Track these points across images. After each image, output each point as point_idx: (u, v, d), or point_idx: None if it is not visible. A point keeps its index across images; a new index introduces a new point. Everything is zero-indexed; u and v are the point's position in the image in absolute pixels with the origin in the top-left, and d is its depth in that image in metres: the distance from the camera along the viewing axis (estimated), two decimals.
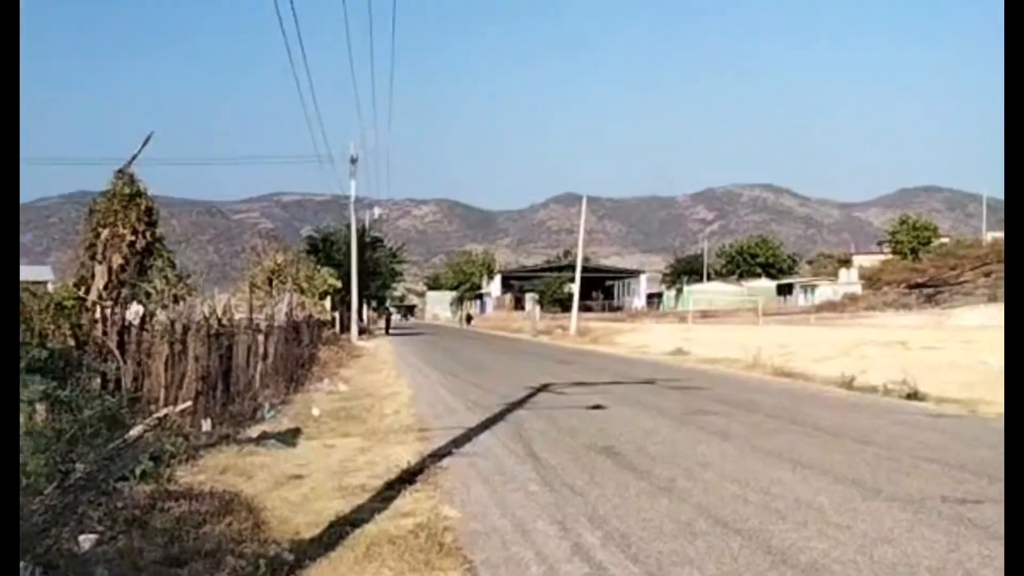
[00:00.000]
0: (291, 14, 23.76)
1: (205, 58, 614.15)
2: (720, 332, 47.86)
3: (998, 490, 8.54)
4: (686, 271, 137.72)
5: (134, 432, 8.53)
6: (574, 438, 13.01)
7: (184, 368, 13.04)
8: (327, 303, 46.09)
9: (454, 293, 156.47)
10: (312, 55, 21.53)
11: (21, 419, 6.89)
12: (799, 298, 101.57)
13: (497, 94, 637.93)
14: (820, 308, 74.35)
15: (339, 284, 48.90)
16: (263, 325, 20.21)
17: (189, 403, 11.31)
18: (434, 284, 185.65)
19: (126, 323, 12.00)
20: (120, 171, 14.40)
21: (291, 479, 9.82)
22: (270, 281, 39.50)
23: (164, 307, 13.58)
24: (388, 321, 76.45)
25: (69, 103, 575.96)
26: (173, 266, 14.09)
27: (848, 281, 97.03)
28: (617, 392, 20.59)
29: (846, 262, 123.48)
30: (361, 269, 57.21)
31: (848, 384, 20.62)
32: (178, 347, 13.01)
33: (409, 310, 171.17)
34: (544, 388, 21.20)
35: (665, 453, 11.53)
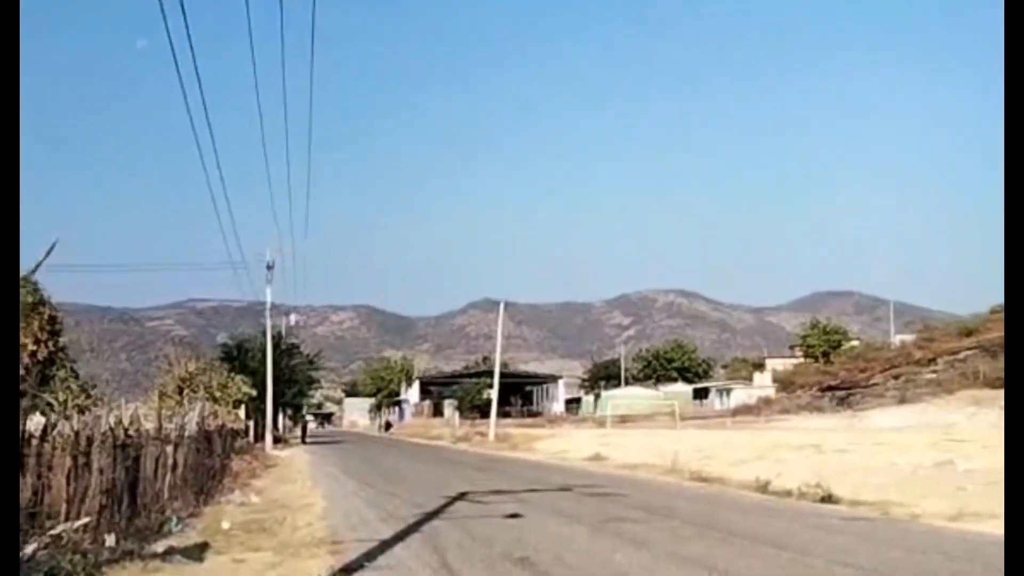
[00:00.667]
0: (204, 120, 23.75)
1: (118, 164, 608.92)
2: (638, 437, 48.02)
3: None
4: (604, 376, 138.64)
5: (28, 550, 8.17)
6: (490, 548, 12.82)
7: (88, 481, 12.61)
8: (241, 411, 45.16)
9: (372, 400, 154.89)
10: (227, 160, 21.48)
11: None
12: (715, 402, 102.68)
13: (415, 201, 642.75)
14: (736, 412, 75.10)
15: (254, 392, 48.06)
16: (173, 435, 19.69)
17: (89, 518, 10.91)
18: (352, 391, 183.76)
19: (26, 435, 11.59)
20: (23, 279, 14.13)
21: None
22: (180, 390, 38.67)
23: (67, 418, 13.19)
24: (304, 429, 75.10)
25: None
26: (76, 376, 13.75)
27: (762, 384, 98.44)
28: (535, 500, 20.41)
29: (760, 366, 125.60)
30: (277, 376, 56.44)
31: (764, 488, 20.75)
32: (82, 459, 12.58)
33: (327, 418, 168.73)
34: (461, 496, 20.92)
35: (582, 562, 11.42)
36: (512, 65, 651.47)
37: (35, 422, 12.08)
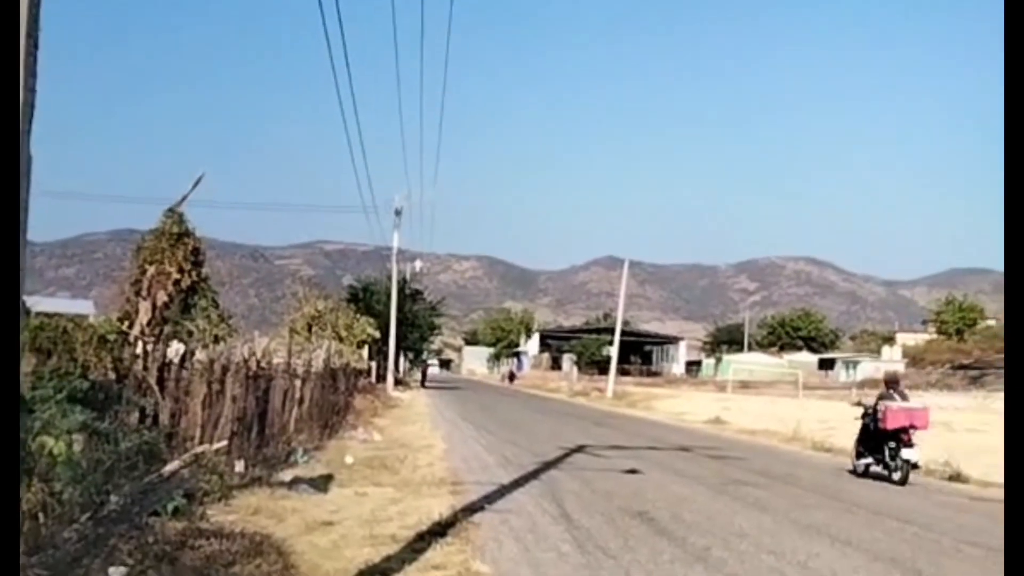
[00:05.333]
0: (345, 66, 24.06)
1: (257, 104, 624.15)
2: (759, 403, 47.36)
3: None
4: (726, 340, 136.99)
5: (170, 467, 8.51)
6: (609, 501, 12.83)
7: (221, 408, 13.05)
8: (364, 352, 46.11)
9: (491, 350, 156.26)
10: (363, 106, 21.84)
11: (61, 448, 6.90)
12: (841, 374, 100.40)
13: (543, 154, 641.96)
14: (862, 384, 73.35)
15: (377, 334, 48.94)
16: (300, 371, 20.23)
17: (224, 443, 11.28)
18: (472, 339, 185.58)
19: (166, 360, 12.05)
20: (170, 210, 14.63)
21: (322, 525, 9.73)
22: (309, 327, 39.66)
23: (205, 346, 13.65)
24: (424, 373, 76.29)
25: (117, 141, 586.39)
26: (216, 306, 14.21)
27: (891, 359, 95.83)
28: (653, 458, 20.34)
29: (889, 339, 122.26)
30: (400, 320, 57.35)
31: None
32: (216, 387, 13.03)
33: (445, 364, 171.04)
34: (579, 449, 20.99)
35: (701, 521, 11.32)
36: (643, 21, 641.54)
37: (174, 349, 12.55)
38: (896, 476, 16.83)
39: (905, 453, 16.78)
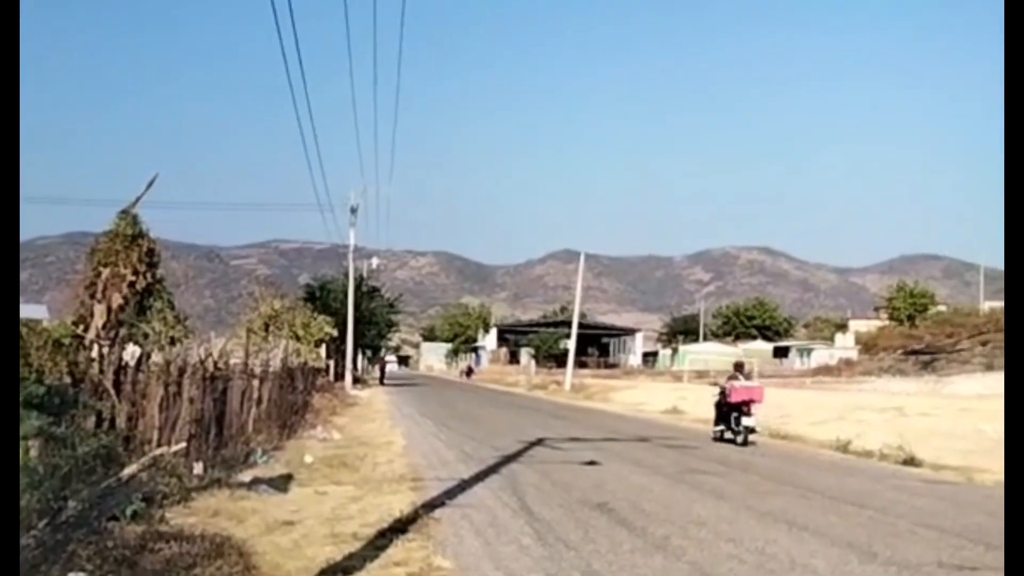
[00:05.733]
0: (297, 62, 23.92)
1: (207, 102, 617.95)
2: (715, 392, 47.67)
3: (995, 557, 8.48)
4: (682, 331, 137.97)
5: (128, 471, 8.47)
6: (568, 493, 12.94)
7: (178, 410, 12.99)
8: (322, 351, 45.89)
9: (449, 345, 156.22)
10: (316, 103, 21.69)
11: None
12: (795, 361, 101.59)
13: (497, 149, 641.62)
14: (816, 372, 74.40)
15: (335, 333, 48.74)
16: (258, 371, 20.15)
17: (183, 445, 11.23)
18: (429, 335, 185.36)
19: (122, 363, 11.96)
20: (124, 211, 14.50)
21: (283, 525, 9.74)
22: (266, 327, 39.38)
23: (161, 348, 13.56)
24: (383, 371, 76.08)
25: (67, 143, 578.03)
26: (172, 308, 14.13)
27: (844, 346, 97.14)
28: (611, 449, 20.49)
29: (842, 327, 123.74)
30: (357, 318, 57.18)
31: (844, 448, 20.56)
32: (173, 389, 12.98)
33: (404, 360, 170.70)
34: (538, 442, 21.10)
35: (659, 511, 11.46)
36: (597, 11, 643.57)
37: (130, 352, 12.45)
38: (739, 439, 21.64)
39: (745, 421, 21.74)
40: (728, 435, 22.24)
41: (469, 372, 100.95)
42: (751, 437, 21.60)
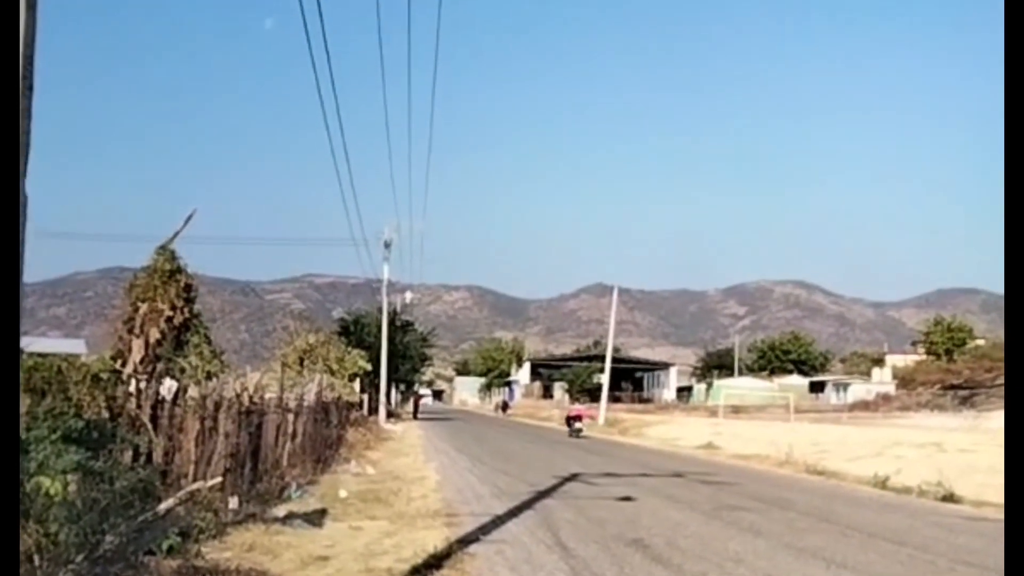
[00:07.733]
0: (332, 98, 24.21)
1: (245, 140, 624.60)
2: (751, 428, 47.38)
3: None
4: (716, 365, 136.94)
5: (164, 505, 8.52)
6: (603, 528, 12.85)
7: (214, 444, 13.05)
8: (356, 385, 46.06)
9: (482, 379, 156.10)
10: (351, 139, 21.95)
11: (57, 488, 6.92)
12: (831, 396, 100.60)
13: (529, 183, 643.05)
14: (853, 407, 73.54)
15: (369, 367, 48.95)
16: (293, 405, 20.23)
17: (218, 479, 11.28)
18: (463, 369, 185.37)
19: (160, 397, 12.06)
20: (162, 247, 14.70)
21: (317, 560, 9.74)
22: (301, 361, 39.65)
23: (197, 383, 13.67)
24: (416, 405, 76.09)
25: (105, 180, 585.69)
26: (209, 342, 14.26)
27: (881, 380, 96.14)
28: (647, 484, 20.36)
29: (879, 361, 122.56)
30: (391, 352, 57.33)
31: (882, 484, 20.31)
32: (209, 423, 13.04)
33: (437, 395, 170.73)
34: (573, 478, 21.01)
35: (695, 547, 11.35)
36: (631, 47, 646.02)
37: (167, 386, 12.56)
38: (576, 437, 40.27)
39: (577, 425, 44.08)
40: (573, 435, 42.90)
41: (504, 407, 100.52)
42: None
